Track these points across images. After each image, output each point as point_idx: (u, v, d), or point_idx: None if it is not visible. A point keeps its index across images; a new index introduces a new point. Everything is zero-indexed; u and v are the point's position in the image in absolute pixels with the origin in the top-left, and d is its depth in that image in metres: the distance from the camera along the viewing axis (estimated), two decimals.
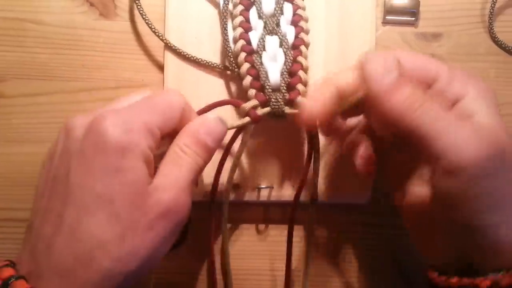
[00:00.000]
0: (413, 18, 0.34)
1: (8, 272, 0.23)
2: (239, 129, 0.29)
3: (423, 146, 0.23)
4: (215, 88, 0.32)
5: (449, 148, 0.22)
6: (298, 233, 0.33)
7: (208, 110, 0.29)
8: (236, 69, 0.30)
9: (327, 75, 0.27)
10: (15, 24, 0.33)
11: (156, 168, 0.25)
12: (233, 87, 0.32)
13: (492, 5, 0.33)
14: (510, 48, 0.34)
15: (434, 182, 0.24)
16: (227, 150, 0.30)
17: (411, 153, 0.26)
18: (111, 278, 0.22)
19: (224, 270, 0.32)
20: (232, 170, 0.30)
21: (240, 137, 0.30)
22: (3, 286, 0.22)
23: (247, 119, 0.29)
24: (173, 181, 0.24)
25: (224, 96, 0.32)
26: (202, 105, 0.31)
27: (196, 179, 0.26)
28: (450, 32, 0.34)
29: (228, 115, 0.32)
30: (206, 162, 0.26)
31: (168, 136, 0.26)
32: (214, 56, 0.32)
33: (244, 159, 0.32)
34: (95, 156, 0.23)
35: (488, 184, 0.22)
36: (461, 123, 0.23)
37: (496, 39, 0.34)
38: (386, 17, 0.34)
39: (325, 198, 0.32)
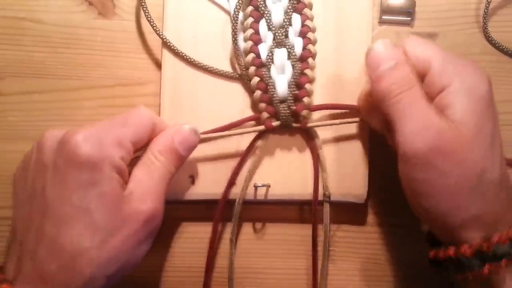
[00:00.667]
0: (409, 18, 0.34)
1: None
2: (258, 135, 0.31)
3: (392, 130, 0.26)
4: (212, 87, 0.32)
5: (404, 138, 0.25)
6: (301, 232, 0.33)
7: (230, 128, 0.31)
8: (248, 80, 0.32)
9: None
10: (13, 23, 0.33)
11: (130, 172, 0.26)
12: (231, 88, 0.32)
13: (487, 5, 0.34)
14: (504, 47, 0.34)
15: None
16: (246, 154, 0.31)
17: None
18: (93, 282, 0.24)
19: (229, 270, 0.32)
20: (251, 173, 0.31)
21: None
22: None
23: (261, 127, 0.31)
24: (150, 189, 0.26)
25: (220, 96, 0.32)
26: (199, 104, 0.32)
27: (168, 185, 0.27)
28: (445, 32, 0.34)
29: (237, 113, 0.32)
30: (177, 169, 0.28)
31: (143, 147, 0.27)
32: (211, 56, 0.32)
33: (262, 161, 0.32)
34: (69, 170, 0.24)
35: (423, 175, 0.25)
36: (426, 115, 0.25)
37: (490, 39, 0.34)
38: (383, 17, 0.34)
39: (336, 198, 0.32)
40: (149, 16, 0.32)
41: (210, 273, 0.32)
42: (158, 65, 0.33)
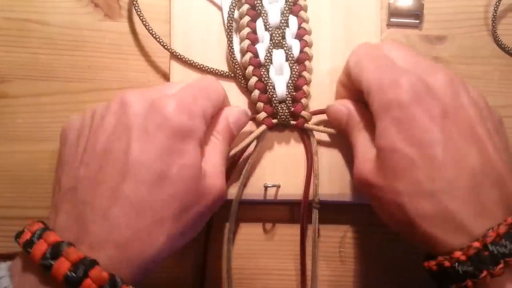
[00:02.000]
0: (417, 21, 0.34)
1: (53, 237, 0.22)
2: (256, 137, 0.31)
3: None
4: None
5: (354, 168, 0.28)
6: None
7: None
8: (243, 81, 0.32)
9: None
10: (20, 25, 0.33)
11: None
12: (238, 91, 0.32)
13: (495, 8, 0.33)
14: None
15: None
16: (242, 153, 0.31)
17: None
18: (162, 254, 0.23)
19: (227, 270, 0.32)
20: (246, 172, 0.31)
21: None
22: (54, 252, 0.22)
23: (263, 127, 0.31)
24: (217, 167, 0.26)
25: (231, 99, 0.32)
26: None
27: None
28: (454, 34, 0.34)
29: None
30: (229, 148, 0.29)
31: None
32: (220, 59, 0.32)
33: (260, 160, 0.32)
34: (159, 135, 0.23)
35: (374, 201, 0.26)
36: (363, 149, 0.27)
37: (499, 42, 0.34)
38: (391, 20, 0.34)
39: (329, 198, 0.32)
40: (146, 23, 0.32)
41: (205, 274, 0.32)
42: (167, 66, 0.33)
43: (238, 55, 0.32)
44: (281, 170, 0.32)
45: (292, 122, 0.31)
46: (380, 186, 0.24)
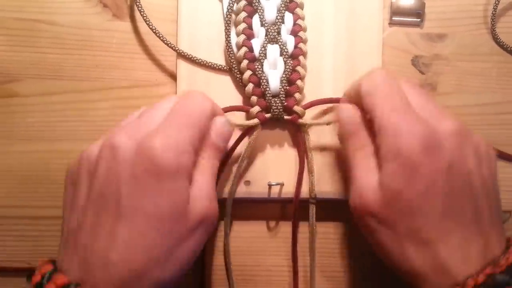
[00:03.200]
0: (419, 19, 0.35)
1: (62, 279, 0.24)
2: (248, 130, 0.31)
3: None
4: (226, 90, 0.33)
5: (351, 192, 0.28)
6: (306, 229, 0.34)
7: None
8: (239, 74, 0.32)
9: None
10: (30, 25, 0.34)
11: None
12: (223, 81, 0.33)
13: (495, 7, 0.34)
14: (511, 49, 0.35)
15: None
16: (232, 150, 0.31)
17: None
18: (160, 285, 0.24)
19: (227, 268, 0.33)
20: (241, 169, 0.32)
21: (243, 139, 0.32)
22: None
23: (256, 120, 0.31)
24: (202, 189, 0.26)
25: (235, 97, 0.33)
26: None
27: (216, 181, 0.28)
28: (454, 32, 0.35)
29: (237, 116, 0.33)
30: (219, 162, 0.29)
31: None
32: (221, 54, 0.33)
33: (255, 157, 0.33)
34: (147, 179, 0.24)
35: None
36: (366, 176, 0.27)
37: (498, 40, 0.35)
38: (393, 18, 0.35)
39: (325, 196, 0.33)
40: (150, 23, 0.32)
41: (205, 271, 0.33)
42: (174, 65, 0.34)
43: (234, 50, 0.32)
44: (283, 168, 0.33)
45: (286, 117, 0.31)
46: (381, 220, 0.26)
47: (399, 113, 0.26)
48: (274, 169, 0.33)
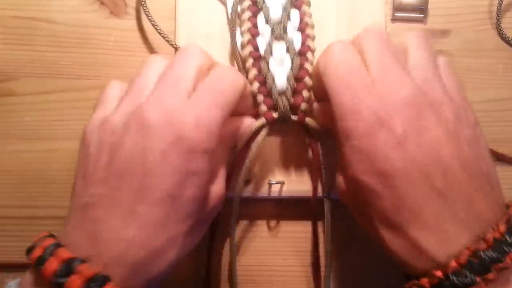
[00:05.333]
0: (422, 15, 0.34)
1: (65, 253, 0.22)
2: (258, 130, 0.30)
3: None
4: None
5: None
6: (309, 228, 0.33)
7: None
8: (246, 75, 0.31)
9: None
10: (26, 23, 0.33)
11: None
12: None
13: (500, 2, 0.33)
14: None
15: None
16: (246, 148, 0.31)
17: None
18: (173, 265, 0.24)
19: (231, 268, 0.32)
20: (247, 169, 0.31)
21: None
22: (66, 269, 0.22)
23: (263, 120, 0.30)
24: (217, 174, 0.26)
25: None
26: None
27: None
28: (458, 28, 0.34)
29: None
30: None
31: None
32: (224, 54, 0.32)
33: (262, 156, 0.33)
34: (175, 157, 0.23)
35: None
36: None
37: (503, 35, 0.34)
38: (395, 14, 0.34)
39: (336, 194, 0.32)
40: (153, 21, 0.32)
41: (210, 272, 0.32)
42: None
43: (240, 50, 0.32)
44: (283, 167, 0.32)
45: (293, 117, 0.31)
46: (353, 207, 0.26)
47: (347, 90, 0.24)
48: (282, 168, 0.32)
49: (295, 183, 0.32)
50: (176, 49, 0.32)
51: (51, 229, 0.32)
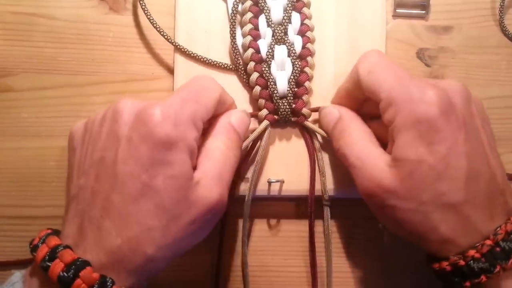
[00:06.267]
0: (424, 11, 0.34)
1: (54, 241, 0.24)
2: (260, 133, 0.31)
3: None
4: (225, 85, 0.32)
5: (356, 181, 0.27)
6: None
7: None
8: (245, 76, 0.31)
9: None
10: (25, 19, 0.33)
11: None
12: (240, 85, 0.32)
13: None
14: None
15: None
16: (251, 150, 0.31)
17: None
18: (152, 263, 0.24)
19: (242, 268, 0.32)
20: (256, 169, 0.31)
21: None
22: (51, 254, 0.23)
23: (266, 122, 0.31)
24: (216, 178, 0.25)
25: (235, 92, 0.32)
26: None
27: (234, 170, 0.27)
28: (460, 25, 0.34)
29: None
30: (240, 152, 0.28)
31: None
32: (223, 51, 0.32)
33: (266, 158, 0.32)
34: (143, 146, 0.23)
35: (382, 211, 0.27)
36: (368, 158, 0.26)
37: (506, 32, 0.34)
38: (397, 10, 0.34)
39: (337, 194, 0.32)
40: (150, 17, 0.32)
41: (220, 272, 0.32)
42: (171, 59, 0.33)
43: (241, 50, 0.32)
44: (284, 165, 0.32)
45: (293, 119, 0.31)
46: (401, 195, 0.25)
47: (406, 81, 0.25)
48: (282, 168, 0.32)
49: (295, 182, 0.32)
50: (174, 45, 0.32)
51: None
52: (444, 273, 0.25)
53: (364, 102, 0.29)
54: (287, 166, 0.32)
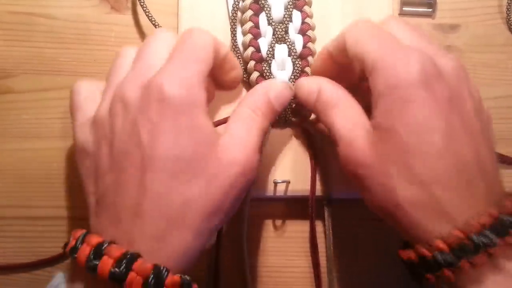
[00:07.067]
0: (430, 10, 0.33)
1: (96, 238, 0.23)
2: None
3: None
4: None
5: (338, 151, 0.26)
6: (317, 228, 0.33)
7: (225, 122, 0.29)
8: (246, 75, 0.31)
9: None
10: (25, 19, 0.32)
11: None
12: (243, 83, 0.32)
13: None
14: None
15: None
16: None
17: None
18: (201, 235, 0.23)
19: (242, 268, 0.32)
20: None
21: None
22: (96, 252, 0.22)
23: None
24: (247, 143, 0.25)
25: (234, 92, 0.31)
26: (215, 102, 0.31)
27: (262, 141, 0.27)
28: (467, 23, 0.34)
29: None
30: (270, 125, 0.27)
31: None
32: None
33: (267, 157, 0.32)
34: (164, 120, 0.23)
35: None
36: (349, 129, 0.25)
37: None
38: (403, 9, 0.33)
39: (339, 194, 0.32)
40: (150, 14, 0.31)
41: (218, 272, 0.32)
42: None
43: (241, 49, 0.31)
44: (289, 166, 0.32)
45: (293, 119, 0.31)
46: (371, 166, 0.23)
47: (390, 47, 0.24)
48: (288, 168, 0.32)
49: (301, 183, 0.31)
50: None
51: (49, 230, 0.32)
52: (410, 262, 0.23)
53: (345, 66, 0.28)
54: (293, 166, 0.32)
